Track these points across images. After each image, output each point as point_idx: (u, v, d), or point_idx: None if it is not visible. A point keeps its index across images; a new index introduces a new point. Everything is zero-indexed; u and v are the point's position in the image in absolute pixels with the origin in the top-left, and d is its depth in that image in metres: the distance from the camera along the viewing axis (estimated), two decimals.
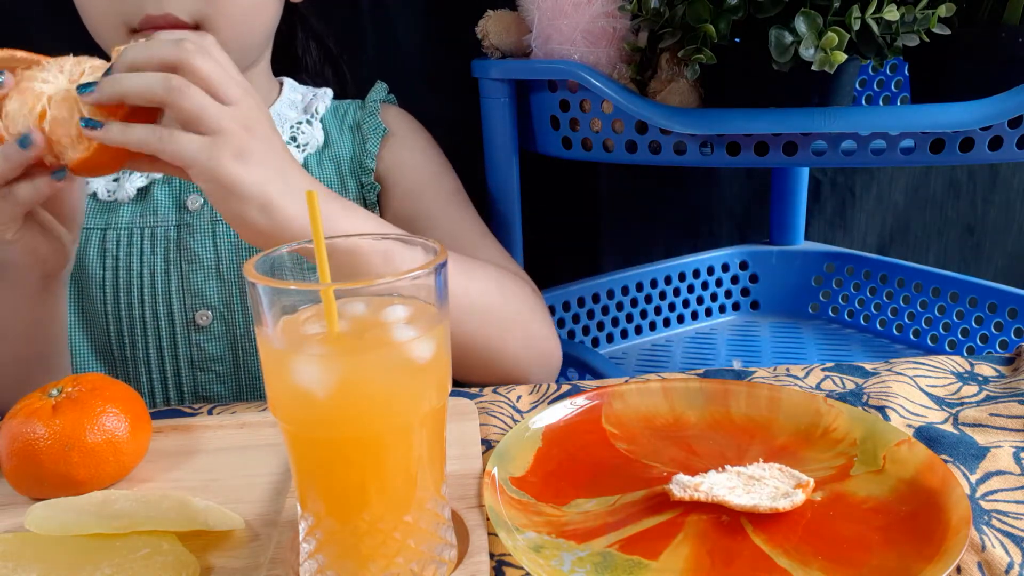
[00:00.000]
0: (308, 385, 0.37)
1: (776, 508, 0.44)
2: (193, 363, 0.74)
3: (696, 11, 0.65)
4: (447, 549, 0.41)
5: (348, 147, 0.79)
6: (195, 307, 0.72)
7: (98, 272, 0.72)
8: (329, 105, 0.81)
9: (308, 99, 0.81)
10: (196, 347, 0.73)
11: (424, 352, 0.38)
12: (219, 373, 0.74)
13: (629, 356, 1.06)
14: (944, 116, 0.65)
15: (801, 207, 1.15)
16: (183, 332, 0.73)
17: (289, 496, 0.47)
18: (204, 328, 0.73)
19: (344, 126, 0.80)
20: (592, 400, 0.57)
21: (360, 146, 0.78)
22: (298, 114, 0.79)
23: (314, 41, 0.89)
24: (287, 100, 0.80)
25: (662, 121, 0.70)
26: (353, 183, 0.78)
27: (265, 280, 0.36)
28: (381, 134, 0.78)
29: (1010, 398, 0.56)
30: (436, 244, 0.39)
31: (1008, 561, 0.41)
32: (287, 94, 0.80)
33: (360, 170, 0.78)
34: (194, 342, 0.73)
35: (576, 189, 1.13)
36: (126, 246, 0.72)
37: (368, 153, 0.77)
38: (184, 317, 0.72)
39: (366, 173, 0.77)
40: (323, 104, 0.80)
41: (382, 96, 0.83)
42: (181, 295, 0.72)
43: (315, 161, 0.77)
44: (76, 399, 0.50)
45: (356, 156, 0.78)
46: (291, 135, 0.76)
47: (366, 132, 0.79)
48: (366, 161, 0.77)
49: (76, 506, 0.45)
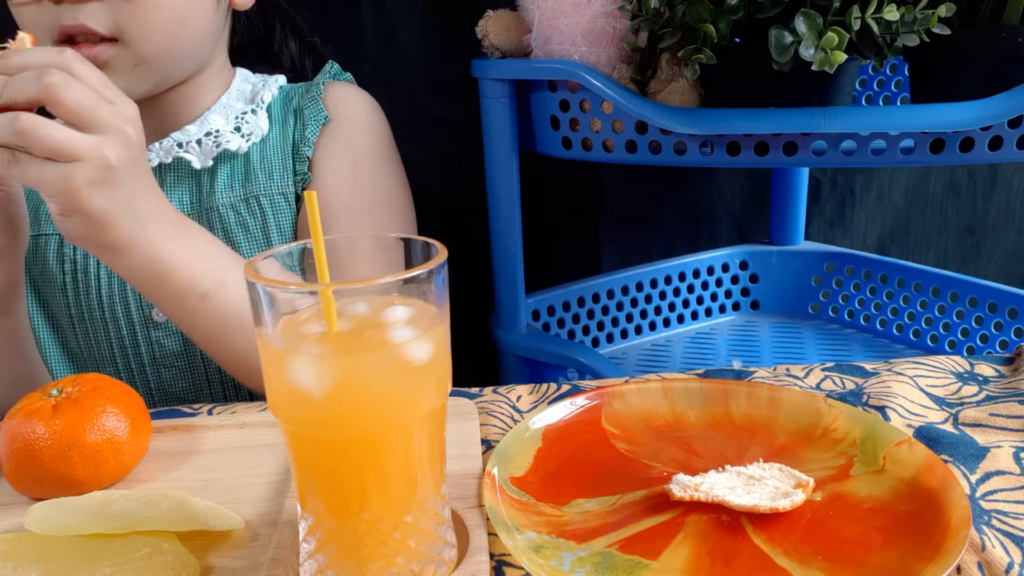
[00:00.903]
0: (307, 385, 0.37)
1: (776, 508, 0.44)
2: (156, 359, 0.75)
3: (696, 11, 0.65)
4: (447, 549, 0.41)
5: (289, 133, 0.77)
6: (150, 304, 0.73)
7: (58, 277, 0.73)
8: (277, 93, 0.79)
9: (257, 88, 0.79)
10: (156, 344, 0.74)
11: (423, 352, 0.38)
12: (180, 368, 0.75)
13: (629, 356, 1.06)
14: (944, 116, 0.65)
15: (801, 207, 1.15)
16: (142, 330, 0.74)
17: (289, 496, 0.47)
18: (161, 325, 0.74)
19: (288, 111, 0.78)
20: (592, 400, 0.57)
21: (299, 132, 0.76)
22: (244, 104, 0.77)
23: (294, 38, 0.87)
24: (235, 91, 0.78)
25: (662, 121, 0.70)
26: (290, 170, 0.76)
27: (265, 280, 0.36)
28: (321, 121, 0.76)
29: (1010, 398, 0.56)
30: (436, 244, 0.39)
31: (1008, 561, 0.41)
32: (236, 85, 0.78)
33: (296, 157, 0.75)
34: (153, 339, 0.74)
35: (576, 189, 1.13)
36: (82, 250, 0.72)
37: (306, 140, 0.75)
38: (141, 315, 0.73)
39: (300, 161, 0.75)
40: (270, 92, 0.78)
41: (327, 76, 0.81)
42: (136, 294, 0.72)
43: (258, 151, 0.75)
44: (76, 399, 0.50)
45: (295, 143, 0.76)
46: (235, 125, 0.75)
47: (306, 118, 0.76)
48: (303, 149, 0.75)
49: (76, 506, 0.45)
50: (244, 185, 0.74)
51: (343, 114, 0.78)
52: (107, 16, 0.63)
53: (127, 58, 0.66)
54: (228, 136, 0.74)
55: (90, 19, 0.63)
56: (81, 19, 0.63)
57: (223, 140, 0.73)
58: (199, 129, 0.74)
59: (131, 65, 0.66)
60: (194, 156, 0.73)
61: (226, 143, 0.73)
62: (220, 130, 0.74)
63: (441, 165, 0.89)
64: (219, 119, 0.75)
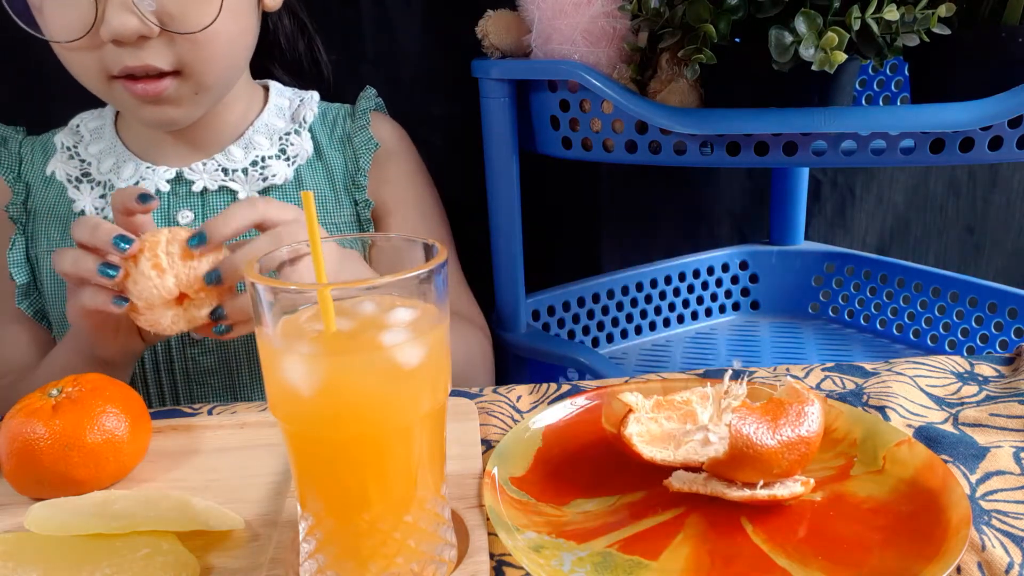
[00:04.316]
0: (306, 384, 0.37)
1: (775, 496, 0.44)
2: (189, 377, 0.74)
3: (696, 11, 0.65)
4: (447, 549, 0.41)
5: (340, 161, 0.78)
6: None
7: None
8: (317, 111, 0.79)
9: (295, 106, 0.79)
10: (191, 361, 0.73)
11: (422, 353, 0.38)
12: (214, 387, 0.75)
13: (629, 356, 1.06)
14: (944, 116, 0.65)
15: (801, 207, 1.15)
16: (178, 347, 0.73)
17: (289, 496, 0.47)
18: (198, 343, 0.73)
19: (334, 137, 0.79)
20: (592, 400, 0.57)
21: (352, 161, 0.78)
22: (286, 123, 0.77)
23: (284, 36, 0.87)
24: (274, 108, 0.78)
25: (662, 121, 0.70)
26: (347, 199, 0.77)
27: (265, 280, 0.36)
28: (373, 149, 0.78)
29: (1010, 398, 0.56)
30: (436, 244, 0.39)
31: (1008, 561, 0.41)
32: (274, 101, 0.79)
33: (354, 187, 0.77)
34: (189, 356, 0.73)
35: (576, 189, 1.13)
36: None
37: (360, 170, 0.77)
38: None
39: (359, 190, 0.77)
40: (311, 112, 0.79)
41: (371, 103, 0.82)
42: None
43: (308, 173, 0.76)
44: (76, 399, 0.50)
45: (348, 171, 0.78)
46: (280, 147, 0.76)
47: (357, 146, 0.78)
48: (359, 178, 0.77)
49: (76, 506, 0.45)
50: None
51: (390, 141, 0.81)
52: (170, 53, 0.64)
53: (188, 89, 0.66)
54: (274, 167, 0.74)
55: (153, 58, 0.63)
56: (145, 59, 0.63)
57: (269, 173, 0.74)
58: (244, 154, 0.74)
59: (192, 95, 0.67)
60: (240, 187, 0.73)
61: (272, 177, 0.74)
62: (266, 157, 0.74)
63: (441, 165, 0.89)
64: (263, 140, 0.75)
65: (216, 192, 0.73)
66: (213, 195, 0.73)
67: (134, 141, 0.75)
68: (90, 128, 0.76)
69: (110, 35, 0.61)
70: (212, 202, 0.73)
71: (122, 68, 0.63)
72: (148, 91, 0.64)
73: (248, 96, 0.78)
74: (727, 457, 0.44)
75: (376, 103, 0.84)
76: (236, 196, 0.73)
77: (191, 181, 0.73)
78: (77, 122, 0.77)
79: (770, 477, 0.45)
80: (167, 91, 0.65)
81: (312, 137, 0.78)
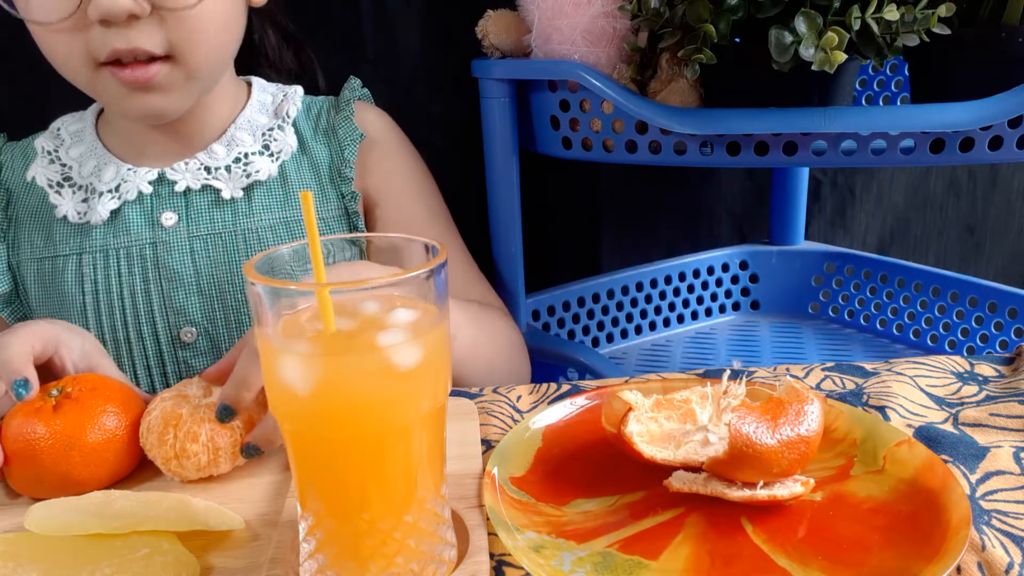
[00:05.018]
0: (306, 384, 0.37)
1: (775, 496, 0.44)
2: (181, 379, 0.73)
3: (696, 11, 0.65)
4: (447, 549, 0.41)
5: (325, 154, 0.76)
6: (179, 324, 0.71)
7: (78, 298, 0.70)
8: (300, 105, 0.78)
9: (279, 101, 0.78)
10: (183, 364, 0.72)
11: (422, 353, 0.38)
12: None
13: (629, 356, 1.06)
14: (944, 116, 0.65)
15: (801, 207, 1.15)
16: (169, 350, 0.72)
17: (289, 496, 0.47)
18: (190, 345, 0.72)
19: (319, 130, 0.77)
20: (592, 400, 0.57)
21: (337, 153, 0.76)
22: (269, 119, 0.76)
23: (271, 28, 0.85)
24: (257, 104, 0.76)
25: (662, 121, 0.70)
26: (333, 192, 0.76)
27: (265, 280, 0.36)
28: (358, 140, 0.76)
29: (1010, 398, 0.56)
30: (436, 244, 0.39)
31: (1008, 561, 0.41)
32: (256, 96, 0.77)
33: (339, 179, 0.75)
34: (181, 359, 0.72)
35: (576, 189, 1.13)
36: (103, 268, 0.70)
37: (346, 162, 0.75)
38: (169, 335, 0.71)
39: (345, 182, 0.75)
40: (294, 106, 0.77)
41: (356, 94, 0.80)
42: (164, 313, 0.71)
43: (293, 167, 0.75)
44: (76, 399, 0.50)
45: (334, 164, 0.76)
46: (263, 143, 0.74)
47: (342, 138, 0.76)
48: (344, 170, 0.75)
49: (76, 506, 0.45)
50: (283, 207, 0.73)
51: (377, 130, 0.79)
52: (160, 34, 0.62)
53: (179, 75, 0.65)
54: (258, 164, 0.73)
55: (143, 40, 0.61)
56: (134, 41, 0.61)
57: (252, 169, 0.72)
58: (227, 151, 0.72)
59: (182, 81, 0.65)
60: (224, 185, 0.72)
61: (256, 173, 0.72)
62: (249, 154, 0.73)
63: (441, 165, 0.89)
64: (246, 137, 0.73)
65: (199, 192, 0.72)
66: (196, 195, 0.72)
67: (115, 143, 0.74)
68: (71, 131, 0.75)
69: (99, 13, 0.58)
70: (195, 202, 0.72)
71: (110, 52, 0.61)
72: (137, 77, 0.62)
73: (233, 93, 0.76)
74: (727, 457, 0.44)
75: (361, 93, 0.82)
76: (219, 194, 0.71)
77: (173, 181, 0.71)
78: (58, 125, 0.76)
79: (770, 477, 0.45)
80: (157, 77, 0.63)
81: (296, 131, 0.76)
